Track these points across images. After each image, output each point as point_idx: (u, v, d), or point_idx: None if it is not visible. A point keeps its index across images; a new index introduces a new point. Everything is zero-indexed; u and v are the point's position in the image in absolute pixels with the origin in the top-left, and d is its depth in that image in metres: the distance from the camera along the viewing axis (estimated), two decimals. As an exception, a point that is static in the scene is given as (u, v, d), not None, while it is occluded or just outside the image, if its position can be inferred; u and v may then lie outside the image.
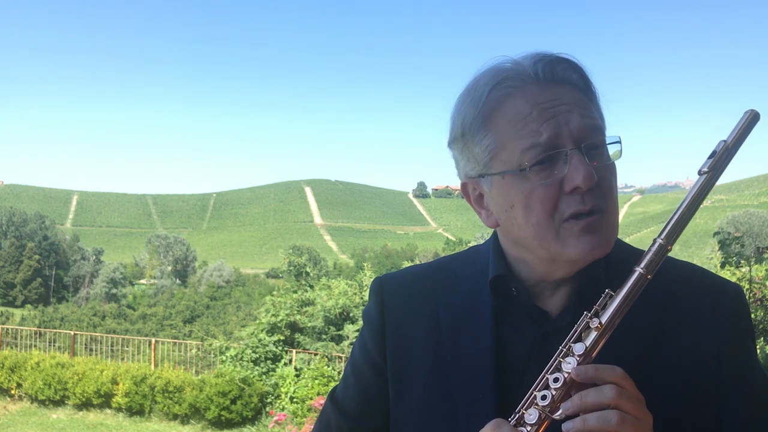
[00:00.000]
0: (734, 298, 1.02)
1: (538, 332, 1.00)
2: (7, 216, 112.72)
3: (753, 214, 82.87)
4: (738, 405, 0.98)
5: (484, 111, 0.97)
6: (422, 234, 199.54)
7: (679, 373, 0.97)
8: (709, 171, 0.86)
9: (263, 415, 11.61)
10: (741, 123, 0.87)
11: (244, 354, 12.40)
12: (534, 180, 0.93)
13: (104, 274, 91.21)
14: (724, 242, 5.13)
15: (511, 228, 0.99)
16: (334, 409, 1.17)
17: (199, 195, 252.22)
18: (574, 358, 0.85)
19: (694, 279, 1.04)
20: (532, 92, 0.95)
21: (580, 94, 0.97)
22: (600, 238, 0.93)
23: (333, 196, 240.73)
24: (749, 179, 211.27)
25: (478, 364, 1.01)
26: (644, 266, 0.86)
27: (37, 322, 43.17)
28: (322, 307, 12.72)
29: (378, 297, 1.14)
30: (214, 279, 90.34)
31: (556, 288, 1.02)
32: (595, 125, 0.95)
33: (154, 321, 51.55)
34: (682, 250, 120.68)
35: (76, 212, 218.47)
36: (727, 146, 0.87)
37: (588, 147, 0.93)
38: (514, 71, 0.97)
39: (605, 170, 0.95)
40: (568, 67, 0.98)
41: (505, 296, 1.03)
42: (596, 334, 0.85)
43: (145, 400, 12.07)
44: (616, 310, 0.86)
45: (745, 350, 1.02)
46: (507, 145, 0.95)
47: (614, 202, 0.96)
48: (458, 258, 1.16)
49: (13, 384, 13.12)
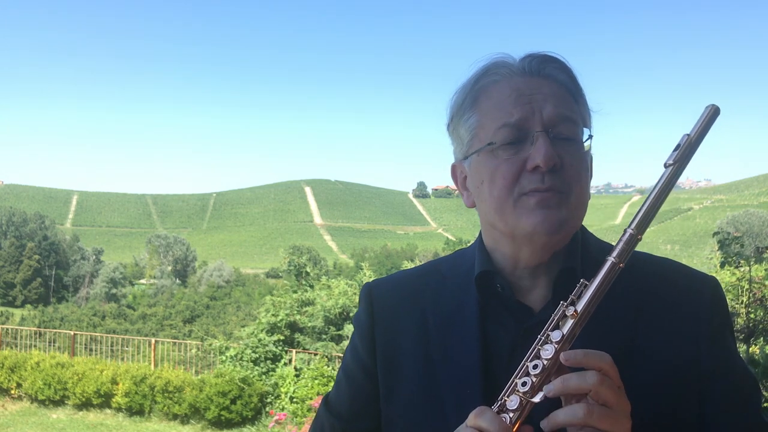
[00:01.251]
0: (712, 290, 1.05)
1: (521, 327, 1.03)
2: (7, 216, 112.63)
3: (753, 214, 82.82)
4: (719, 396, 1.00)
5: (472, 95, 1.04)
6: (422, 234, 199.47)
7: (660, 366, 0.99)
8: (674, 163, 0.90)
9: (263, 415, 11.61)
10: (703, 117, 0.91)
11: (244, 354, 12.40)
12: (501, 156, 0.99)
13: (104, 274, 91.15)
14: (724, 242, 5.13)
15: (480, 204, 1.05)
16: (327, 412, 1.20)
17: (199, 195, 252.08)
18: (552, 345, 0.87)
19: (672, 273, 1.07)
20: (516, 81, 1.01)
21: (565, 91, 1.02)
22: (553, 215, 0.96)
23: (333, 196, 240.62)
24: (749, 179, 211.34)
25: (465, 362, 1.04)
26: (616, 255, 0.89)
27: (37, 322, 43.17)
28: (321, 307, 12.72)
29: (367, 302, 1.18)
30: (214, 279, 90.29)
31: (534, 278, 1.05)
32: (567, 116, 0.99)
33: (154, 321, 51.52)
34: (682, 250, 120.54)
35: (76, 212, 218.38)
36: (690, 140, 0.90)
37: (556, 135, 0.98)
38: (504, 63, 1.04)
39: (572, 157, 0.98)
40: (558, 67, 1.03)
41: (491, 292, 1.07)
42: (573, 322, 0.88)
43: (144, 400, 12.07)
44: (590, 298, 0.89)
45: (725, 341, 1.04)
46: (485, 124, 1.01)
47: (580, 190, 0.99)
48: (446, 260, 1.21)
49: (13, 384, 13.12)
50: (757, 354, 6.13)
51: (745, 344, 5.49)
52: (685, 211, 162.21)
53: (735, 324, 5.32)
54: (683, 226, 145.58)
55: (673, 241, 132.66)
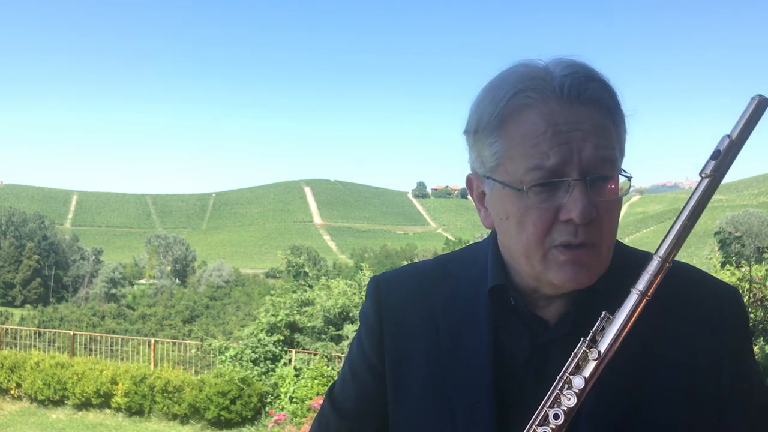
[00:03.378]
0: (733, 302, 1.00)
1: (536, 341, 0.99)
2: (7, 216, 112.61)
3: (752, 214, 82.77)
4: (738, 412, 0.97)
5: (501, 115, 0.92)
6: (422, 234, 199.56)
7: (679, 379, 0.95)
8: (713, 174, 0.80)
9: (263, 415, 11.59)
10: (747, 112, 0.79)
11: (243, 354, 12.39)
12: (532, 200, 0.89)
13: (104, 274, 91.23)
14: (725, 242, 5.12)
15: (503, 237, 0.99)
16: (333, 409, 1.16)
17: (199, 195, 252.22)
18: (574, 393, 0.83)
19: (693, 282, 1.02)
20: (552, 109, 0.89)
21: (604, 117, 0.91)
22: (584, 272, 0.90)
23: (333, 196, 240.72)
24: (749, 179, 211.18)
25: (476, 369, 1.00)
26: (643, 288, 0.82)
27: (36, 322, 43.20)
28: (321, 307, 12.71)
29: (375, 297, 1.12)
30: (214, 279, 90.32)
31: (551, 299, 1.01)
32: (607, 157, 0.89)
33: (153, 321, 51.57)
34: (682, 250, 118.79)
35: (75, 212, 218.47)
36: (731, 142, 0.79)
37: (594, 179, 0.88)
38: (540, 80, 0.91)
39: (607, 205, 0.90)
40: (599, 87, 0.91)
41: (503, 304, 1.03)
42: (595, 365, 0.82)
43: (144, 400, 12.05)
44: (614, 337, 0.83)
45: (745, 356, 1.00)
46: (514, 157, 0.91)
47: (610, 236, 0.92)
48: (456, 258, 1.14)
49: (12, 384, 13.10)
50: (757, 354, 6.14)
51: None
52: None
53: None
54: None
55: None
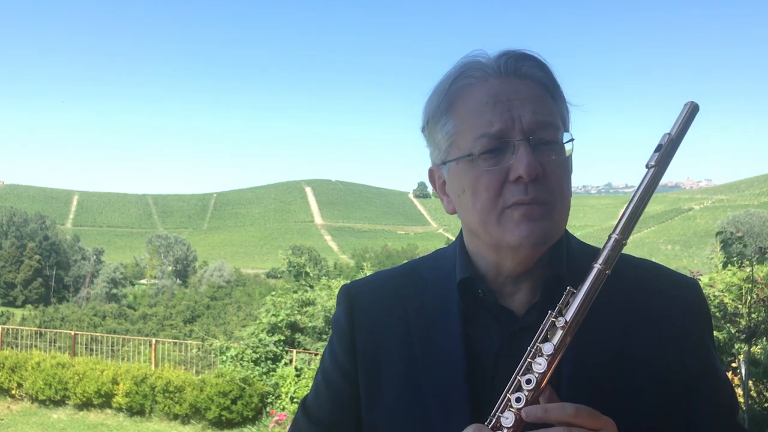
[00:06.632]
0: (695, 294, 1.06)
1: (506, 331, 1.02)
2: (8, 216, 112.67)
3: (753, 214, 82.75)
4: (705, 401, 1.01)
5: (448, 98, 1.01)
6: (423, 234, 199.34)
7: (650, 372, 0.99)
8: (656, 165, 0.89)
9: (264, 415, 11.59)
10: (682, 115, 0.90)
11: (244, 354, 12.39)
12: (482, 166, 0.97)
13: (105, 274, 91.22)
14: (727, 242, 5.12)
15: (462, 213, 1.04)
16: (307, 419, 1.16)
17: (200, 195, 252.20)
18: (544, 358, 0.87)
19: (655, 277, 1.07)
20: (492, 84, 0.98)
21: (542, 90, 0.99)
22: (537, 228, 0.95)
23: (333, 196, 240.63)
24: (749, 179, 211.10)
25: (449, 366, 1.03)
26: (602, 262, 0.88)
27: (37, 322, 43.17)
28: (322, 307, 12.71)
29: (346, 304, 1.14)
30: (215, 279, 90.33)
31: (517, 284, 1.04)
32: (547, 121, 0.97)
33: (154, 321, 51.51)
34: (683, 251, 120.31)
35: (76, 212, 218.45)
36: (671, 138, 0.89)
37: (537, 141, 0.96)
38: (479, 63, 1.01)
39: (554, 165, 0.97)
40: (534, 65, 1.00)
41: (473, 297, 1.05)
42: (562, 333, 0.87)
43: (145, 400, 12.06)
44: (579, 307, 0.88)
45: (708, 346, 1.05)
46: (464, 131, 0.98)
47: (562, 197, 0.98)
48: (426, 261, 1.18)
49: (13, 384, 13.11)
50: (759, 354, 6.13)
51: (746, 344, 5.47)
52: (686, 211, 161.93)
53: (738, 325, 5.30)
54: (684, 227, 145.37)
55: (673, 241, 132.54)
